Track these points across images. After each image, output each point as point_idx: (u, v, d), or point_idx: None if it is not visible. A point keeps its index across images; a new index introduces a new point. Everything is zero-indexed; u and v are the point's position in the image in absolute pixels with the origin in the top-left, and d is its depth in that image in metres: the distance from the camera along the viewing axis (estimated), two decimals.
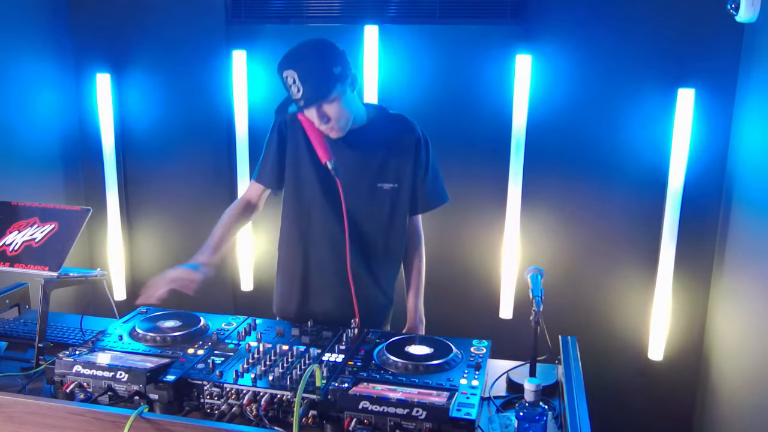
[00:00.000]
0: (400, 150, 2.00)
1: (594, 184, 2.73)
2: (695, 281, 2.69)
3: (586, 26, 2.63)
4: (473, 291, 2.92)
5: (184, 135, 3.08)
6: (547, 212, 2.79)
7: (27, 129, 2.90)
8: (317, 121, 1.88)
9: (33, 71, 2.92)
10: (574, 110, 2.70)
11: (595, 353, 2.73)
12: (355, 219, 1.98)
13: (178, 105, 3.06)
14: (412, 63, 2.81)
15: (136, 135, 3.13)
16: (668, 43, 2.56)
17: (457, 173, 2.82)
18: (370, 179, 1.99)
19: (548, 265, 2.47)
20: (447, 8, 2.73)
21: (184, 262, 1.93)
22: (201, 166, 3.08)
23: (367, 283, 2.04)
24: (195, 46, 2.98)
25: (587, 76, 2.66)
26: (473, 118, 2.79)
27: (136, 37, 3.04)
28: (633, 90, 2.63)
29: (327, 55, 1.85)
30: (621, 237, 2.74)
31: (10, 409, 1.52)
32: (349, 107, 1.89)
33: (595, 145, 2.70)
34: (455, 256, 2.91)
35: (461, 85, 2.77)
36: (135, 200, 3.19)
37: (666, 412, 2.84)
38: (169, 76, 3.04)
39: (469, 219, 2.86)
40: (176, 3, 2.97)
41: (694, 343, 2.74)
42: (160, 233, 3.21)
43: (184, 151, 3.09)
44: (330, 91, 1.82)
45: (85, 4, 3.07)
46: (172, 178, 3.13)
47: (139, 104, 3.10)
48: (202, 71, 2.99)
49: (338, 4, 2.83)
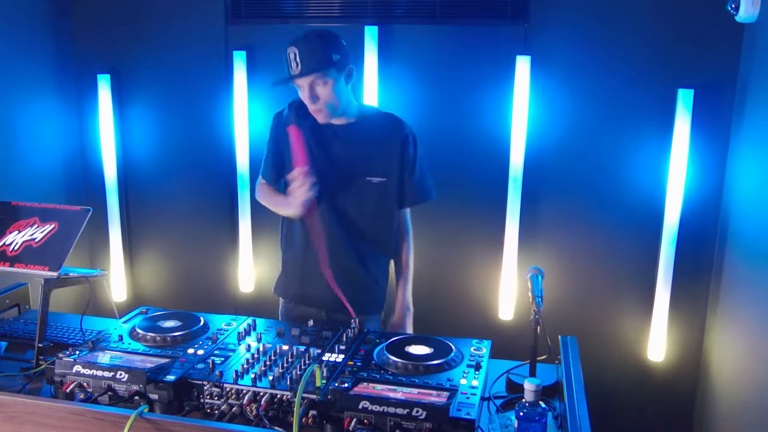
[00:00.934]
0: (389, 146, 2.12)
1: (594, 183, 2.73)
2: (695, 281, 2.69)
3: (586, 26, 2.63)
4: (473, 291, 2.92)
5: (184, 135, 3.08)
6: (547, 212, 2.79)
7: (26, 131, 2.90)
8: (308, 100, 2.00)
9: (33, 71, 2.92)
10: (574, 110, 2.70)
11: (595, 353, 2.74)
12: (345, 210, 2.11)
13: (178, 105, 3.06)
14: (412, 63, 2.81)
15: (136, 135, 3.13)
16: (668, 43, 2.56)
17: (457, 173, 2.82)
18: (360, 173, 2.10)
19: (548, 265, 2.47)
20: (447, 8, 2.73)
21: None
22: (201, 166, 3.08)
23: (359, 271, 2.16)
24: (195, 46, 2.98)
25: (587, 76, 2.66)
26: (473, 119, 2.78)
27: (136, 38, 3.04)
28: (633, 90, 2.63)
29: (329, 41, 2.00)
30: (622, 236, 2.74)
31: (10, 409, 1.52)
32: (339, 95, 2.02)
33: (596, 144, 2.70)
34: (455, 256, 2.91)
35: (461, 85, 2.77)
36: (135, 200, 3.20)
37: (666, 412, 2.84)
38: (169, 76, 3.04)
39: (469, 219, 2.86)
40: (176, 3, 2.97)
41: (694, 343, 2.74)
42: (160, 233, 3.21)
43: (184, 150, 3.09)
44: (325, 67, 1.96)
45: (85, 4, 3.07)
46: (172, 178, 3.13)
47: (139, 104, 3.10)
48: (202, 71, 2.99)
49: (338, 4, 2.83)
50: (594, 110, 2.68)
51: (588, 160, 2.72)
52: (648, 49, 2.59)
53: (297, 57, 1.95)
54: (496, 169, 2.78)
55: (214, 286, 3.16)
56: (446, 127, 2.81)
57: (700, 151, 2.58)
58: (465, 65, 2.76)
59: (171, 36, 3.01)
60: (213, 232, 3.12)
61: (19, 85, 2.85)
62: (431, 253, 2.93)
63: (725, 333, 2.49)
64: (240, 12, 2.92)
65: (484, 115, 2.77)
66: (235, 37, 2.94)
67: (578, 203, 2.76)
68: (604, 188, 2.73)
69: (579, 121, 2.70)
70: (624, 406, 2.86)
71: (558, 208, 2.79)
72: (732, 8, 2.15)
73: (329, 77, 1.98)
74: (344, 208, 2.11)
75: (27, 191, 2.87)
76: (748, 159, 2.35)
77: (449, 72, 2.78)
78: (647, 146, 2.65)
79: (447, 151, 2.83)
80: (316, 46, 1.96)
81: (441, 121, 2.81)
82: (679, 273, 2.66)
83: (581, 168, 2.73)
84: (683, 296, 2.70)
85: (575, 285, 2.80)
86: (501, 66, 2.71)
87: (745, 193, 2.38)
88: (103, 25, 3.06)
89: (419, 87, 2.81)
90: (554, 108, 2.71)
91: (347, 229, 2.12)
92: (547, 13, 2.66)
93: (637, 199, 2.69)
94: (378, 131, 2.14)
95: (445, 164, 2.84)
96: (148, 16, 3.01)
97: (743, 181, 2.40)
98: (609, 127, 2.68)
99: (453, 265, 2.92)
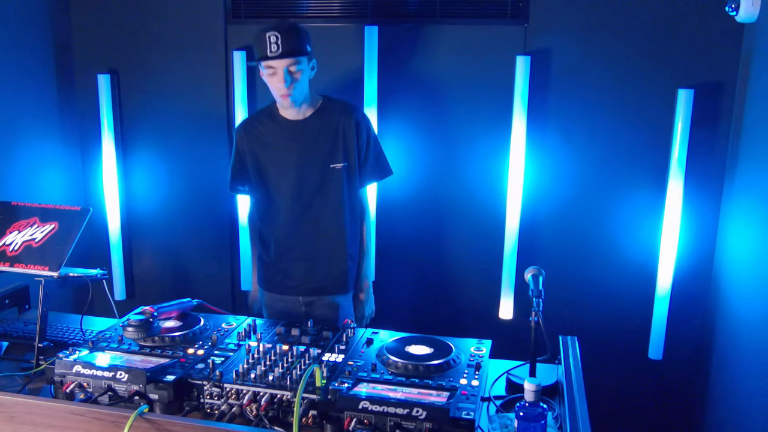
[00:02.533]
0: (345, 132, 2.34)
1: (594, 182, 2.73)
2: (695, 281, 2.69)
3: (586, 26, 2.63)
4: (473, 291, 2.92)
5: (183, 135, 3.08)
6: (547, 212, 2.79)
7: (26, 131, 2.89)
8: (280, 83, 2.20)
9: (33, 71, 2.92)
10: (574, 110, 2.70)
11: (595, 353, 2.74)
12: (312, 197, 2.34)
13: (177, 105, 3.06)
14: (412, 63, 2.81)
15: (136, 135, 3.13)
16: (668, 43, 2.56)
17: (457, 173, 2.83)
18: (323, 161, 2.33)
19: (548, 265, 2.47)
20: (447, 8, 2.73)
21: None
22: (201, 166, 3.08)
23: (337, 252, 2.38)
24: (195, 46, 2.98)
25: (587, 75, 2.66)
26: (472, 118, 2.79)
27: (135, 38, 3.04)
28: (632, 90, 2.63)
29: (304, 33, 2.25)
30: (622, 235, 2.74)
31: (10, 409, 1.52)
32: (304, 83, 2.26)
33: (596, 144, 2.70)
34: (455, 256, 2.91)
35: (461, 85, 2.77)
36: (135, 200, 3.19)
37: (666, 412, 2.84)
38: (169, 76, 3.04)
39: (470, 218, 2.86)
40: (176, 3, 2.97)
41: (694, 343, 2.74)
42: (160, 233, 3.20)
43: (183, 151, 3.09)
44: (302, 54, 2.20)
45: (85, 4, 3.07)
46: (172, 174, 3.13)
47: (138, 104, 3.10)
48: (202, 71, 2.99)
49: (338, 4, 2.83)
50: (594, 110, 2.68)
51: (587, 160, 2.72)
52: (648, 49, 2.59)
53: (279, 41, 2.15)
54: (496, 168, 2.78)
55: (213, 286, 3.16)
56: (446, 127, 2.81)
57: (699, 151, 2.58)
58: (465, 65, 2.76)
59: (171, 36, 3.00)
60: (213, 232, 3.12)
61: (19, 85, 2.84)
62: (431, 253, 2.93)
63: (725, 333, 2.49)
64: (240, 12, 2.92)
65: (483, 114, 2.77)
66: (235, 36, 2.94)
67: (578, 202, 2.76)
68: (604, 186, 2.73)
69: (578, 121, 2.70)
70: (624, 406, 2.86)
71: (558, 208, 2.79)
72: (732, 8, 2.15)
73: (301, 65, 2.21)
74: (313, 196, 2.33)
75: (27, 191, 2.87)
76: (748, 159, 2.35)
77: (449, 72, 2.78)
78: (647, 146, 2.65)
79: (446, 151, 2.83)
80: (295, 34, 2.19)
81: (441, 120, 2.81)
82: (680, 273, 2.66)
83: (581, 167, 2.73)
84: (683, 296, 2.70)
85: (575, 285, 2.80)
86: (501, 66, 2.71)
87: (745, 193, 2.38)
88: (103, 25, 3.06)
89: (419, 87, 2.81)
90: (554, 108, 2.71)
91: (318, 215, 2.35)
92: (547, 13, 2.66)
93: (638, 199, 2.69)
94: (335, 120, 2.34)
95: (444, 163, 2.84)
96: (148, 16, 3.01)
97: (743, 181, 2.40)
98: (609, 127, 2.68)
99: (453, 264, 2.92)
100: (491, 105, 2.75)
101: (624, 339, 2.81)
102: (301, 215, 2.36)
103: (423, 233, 2.92)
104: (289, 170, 2.33)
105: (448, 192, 2.87)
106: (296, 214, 2.36)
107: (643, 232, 2.71)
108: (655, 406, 2.84)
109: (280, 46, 2.16)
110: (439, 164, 2.86)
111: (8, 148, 2.80)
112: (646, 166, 2.66)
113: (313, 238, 2.38)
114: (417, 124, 2.84)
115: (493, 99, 2.75)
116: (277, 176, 2.36)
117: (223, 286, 3.15)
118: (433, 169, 2.86)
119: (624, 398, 2.85)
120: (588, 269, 2.80)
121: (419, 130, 2.84)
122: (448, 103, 2.80)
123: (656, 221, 2.66)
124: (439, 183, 2.87)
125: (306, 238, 2.38)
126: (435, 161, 2.86)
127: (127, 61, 3.07)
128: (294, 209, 2.36)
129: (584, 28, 2.64)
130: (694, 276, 2.68)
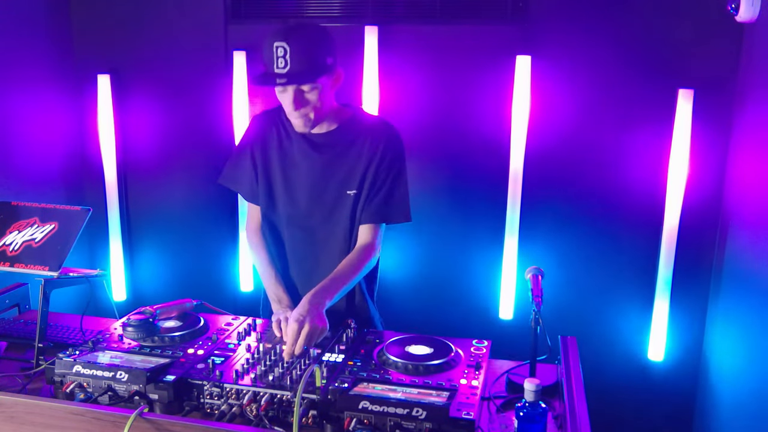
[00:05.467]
0: (367, 156, 1.91)
1: (594, 183, 2.73)
2: (695, 281, 2.69)
3: (586, 26, 2.63)
4: (473, 291, 2.92)
5: (184, 135, 3.08)
6: (547, 212, 2.79)
7: (26, 130, 2.89)
8: (289, 107, 1.80)
9: (33, 71, 2.92)
10: (574, 110, 2.70)
11: (595, 353, 2.73)
12: (319, 224, 1.97)
13: (177, 105, 3.06)
14: (412, 63, 2.80)
15: (136, 135, 3.13)
16: (668, 43, 2.56)
17: (457, 173, 2.82)
18: (337, 185, 1.93)
19: (548, 265, 2.47)
20: (447, 8, 2.73)
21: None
22: (201, 165, 3.08)
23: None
24: (195, 46, 2.98)
25: (587, 76, 2.66)
26: (473, 119, 2.78)
27: (136, 38, 3.04)
28: (632, 90, 2.63)
29: (324, 41, 1.79)
30: (622, 236, 2.74)
31: (10, 409, 1.52)
32: (323, 102, 1.81)
33: (596, 145, 2.70)
34: (455, 256, 2.91)
35: (461, 85, 2.77)
36: (135, 200, 3.19)
37: (666, 412, 2.84)
38: (169, 76, 3.04)
39: (470, 219, 2.86)
40: (176, 3, 2.97)
41: (694, 343, 2.74)
42: (160, 233, 3.20)
43: (184, 151, 3.09)
44: (316, 77, 1.75)
45: (86, 4, 3.07)
46: (172, 178, 3.13)
47: (139, 104, 3.10)
48: (202, 71, 2.99)
49: (338, 4, 2.83)
50: (594, 110, 2.68)
51: (588, 160, 2.72)
52: (648, 48, 2.59)
53: (287, 54, 1.69)
54: (496, 169, 2.78)
55: (214, 286, 3.15)
56: (446, 127, 2.81)
57: (700, 151, 2.58)
58: (465, 65, 2.75)
59: (171, 36, 3.00)
60: (213, 232, 3.12)
61: (19, 84, 2.84)
62: (431, 253, 2.93)
63: (725, 333, 2.49)
64: (240, 11, 2.92)
65: (483, 115, 2.77)
66: (235, 36, 2.93)
67: (578, 203, 2.76)
68: (604, 188, 2.73)
69: (579, 121, 2.70)
70: (624, 406, 2.86)
71: (558, 208, 2.79)
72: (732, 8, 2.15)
73: (318, 83, 1.76)
74: (320, 223, 1.97)
75: (27, 191, 2.87)
76: (749, 159, 2.35)
77: (449, 72, 2.78)
78: (647, 146, 2.65)
79: (447, 151, 2.83)
80: (310, 48, 1.73)
81: (441, 121, 2.81)
82: (679, 273, 2.66)
83: (581, 168, 2.73)
84: (683, 296, 2.70)
85: (575, 285, 2.80)
86: (501, 66, 2.70)
87: (745, 193, 2.38)
88: (103, 24, 3.06)
89: (419, 87, 2.81)
90: (554, 108, 2.71)
91: (321, 246, 1.98)
92: (547, 13, 2.66)
93: (637, 199, 2.69)
94: (360, 137, 1.92)
95: (444, 164, 2.84)
96: (148, 15, 3.00)
97: (743, 181, 2.40)
98: (609, 127, 2.68)
99: (453, 265, 2.92)
100: (491, 105, 2.75)
101: (624, 339, 2.81)
102: (303, 242, 2.00)
103: (423, 233, 2.92)
104: (301, 187, 1.95)
105: (448, 192, 2.87)
106: (296, 240, 2.00)
107: (643, 232, 2.71)
108: (655, 406, 2.84)
109: (289, 63, 1.70)
110: (438, 164, 2.85)
111: (8, 148, 2.80)
112: (647, 166, 2.66)
113: (314, 275, 1.95)
114: (417, 125, 2.84)
115: (492, 99, 2.74)
116: (284, 190, 1.98)
117: (223, 286, 3.15)
118: (433, 169, 2.86)
119: (624, 398, 2.85)
120: (588, 269, 2.80)
121: (419, 130, 2.84)
122: (448, 104, 2.80)
123: (656, 221, 2.66)
124: (439, 183, 2.87)
125: (306, 269, 2.01)
126: (435, 162, 2.85)
127: (127, 61, 3.07)
128: (294, 235, 2.00)
129: (584, 28, 2.64)
130: (694, 276, 2.69)
